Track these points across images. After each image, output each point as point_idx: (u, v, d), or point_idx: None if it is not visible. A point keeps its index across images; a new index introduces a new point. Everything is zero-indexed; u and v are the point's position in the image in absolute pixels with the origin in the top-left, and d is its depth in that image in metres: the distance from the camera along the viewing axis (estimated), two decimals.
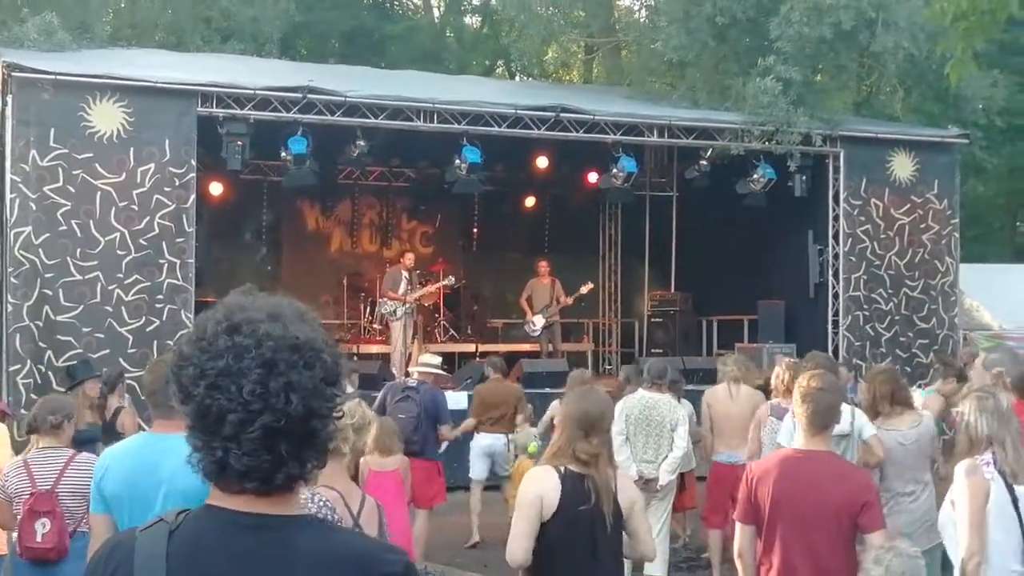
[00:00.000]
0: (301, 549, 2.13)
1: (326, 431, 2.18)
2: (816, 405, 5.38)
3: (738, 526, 5.63)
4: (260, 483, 2.13)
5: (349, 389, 11.89)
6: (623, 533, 5.25)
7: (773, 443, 8.71)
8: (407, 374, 13.75)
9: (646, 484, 10.13)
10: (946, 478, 6.62)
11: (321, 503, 4.70)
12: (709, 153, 18.14)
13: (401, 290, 17.95)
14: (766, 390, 10.01)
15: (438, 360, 12.43)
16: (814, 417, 5.38)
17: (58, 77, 13.97)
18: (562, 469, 5.16)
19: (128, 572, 2.14)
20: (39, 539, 6.68)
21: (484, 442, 12.38)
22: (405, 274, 18.17)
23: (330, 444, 2.21)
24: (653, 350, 21.52)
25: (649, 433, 10.10)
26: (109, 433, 10.46)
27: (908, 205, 18.15)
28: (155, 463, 4.38)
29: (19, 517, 6.79)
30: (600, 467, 5.14)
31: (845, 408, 7.66)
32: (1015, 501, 5.10)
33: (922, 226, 18.23)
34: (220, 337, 2.14)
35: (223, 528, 2.15)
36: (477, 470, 12.47)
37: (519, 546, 5.10)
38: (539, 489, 5.14)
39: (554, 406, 11.96)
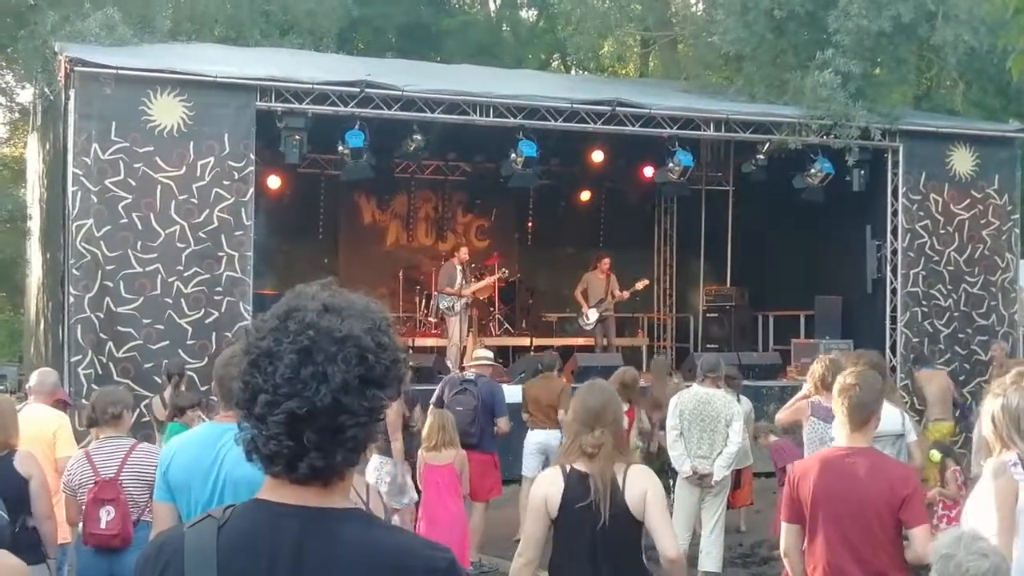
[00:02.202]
0: (346, 542, 2.16)
1: (358, 429, 2.17)
2: (851, 401, 5.38)
3: (783, 525, 5.64)
4: (285, 469, 2.15)
5: None
6: (636, 531, 5.22)
7: (814, 443, 8.66)
8: (462, 368, 13.80)
9: (701, 479, 10.15)
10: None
11: None
12: (766, 147, 18.01)
13: (456, 284, 18.04)
14: None
15: (490, 353, 12.49)
16: (851, 413, 5.39)
17: (119, 71, 14.12)
18: (567, 468, 5.26)
19: (179, 569, 2.17)
20: (103, 526, 6.76)
21: (538, 438, 12.34)
22: (460, 268, 18.28)
23: (364, 443, 2.21)
24: (708, 345, 21.41)
25: (704, 428, 10.08)
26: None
27: (968, 200, 17.96)
28: (217, 453, 4.44)
29: (84, 506, 6.89)
30: (601, 460, 5.18)
31: (896, 409, 7.61)
32: None
33: (982, 221, 18.03)
34: (272, 319, 2.20)
35: (269, 521, 2.18)
36: (530, 467, 12.47)
37: (525, 546, 5.30)
38: (543, 490, 5.28)
39: None
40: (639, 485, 5.20)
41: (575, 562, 5.23)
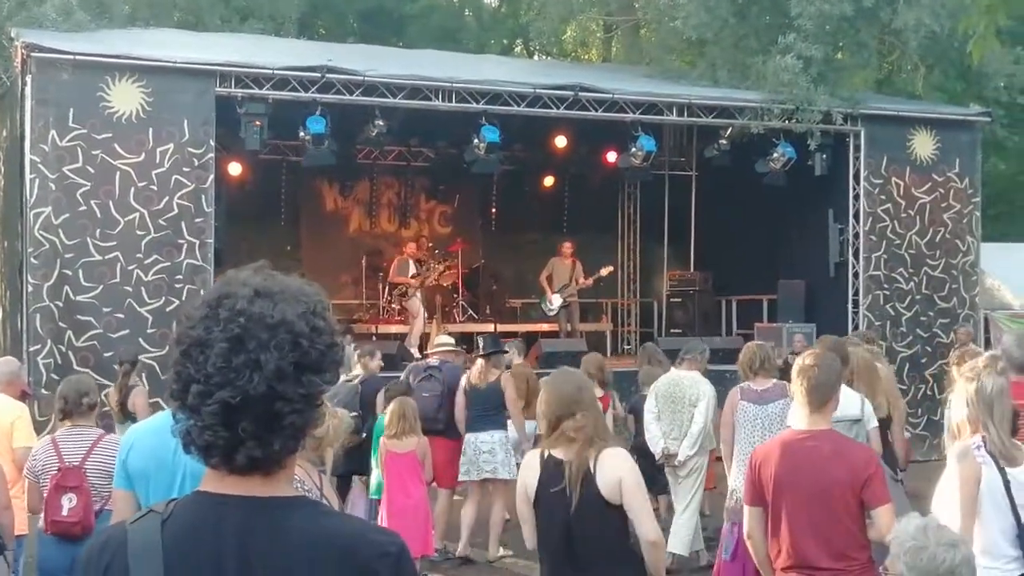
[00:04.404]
0: (293, 530, 2.12)
1: (295, 416, 2.12)
2: (810, 382, 5.36)
3: (745, 509, 5.64)
4: (222, 460, 2.12)
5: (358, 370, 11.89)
6: (612, 516, 5.22)
7: (745, 425, 8.74)
8: (423, 355, 13.77)
9: (668, 459, 10.43)
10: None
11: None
12: (729, 132, 18.03)
13: (410, 275, 18.38)
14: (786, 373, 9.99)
15: (451, 339, 12.50)
16: (809, 394, 5.37)
17: (77, 57, 13.96)
18: (545, 454, 5.32)
19: (123, 565, 2.13)
20: (65, 513, 6.73)
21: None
22: (412, 263, 18.56)
23: (302, 431, 2.16)
24: (672, 330, 21.50)
25: (674, 410, 10.45)
26: (123, 412, 10.56)
27: (929, 184, 18.04)
28: (178, 442, 4.37)
29: (45, 493, 6.83)
30: (580, 444, 5.21)
31: (855, 395, 7.62)
32: (1007, 484, 5.04)
33: (943, 205, 18.13)
34: (203, 307, 2.15)
35: (213, 513, 2.14)
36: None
37: (524, 530, 5.46)
38: (524, 476, 5.42)
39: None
40: (612, 470, 5.20)
41: (553, 543, 5.31)
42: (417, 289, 18.43)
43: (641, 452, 10.27)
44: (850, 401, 7.45)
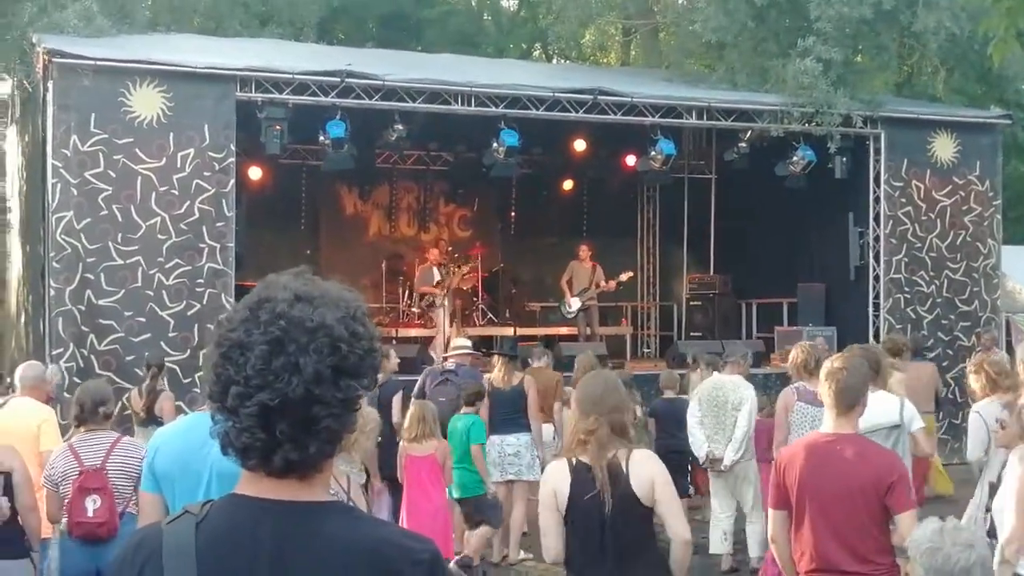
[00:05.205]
0: (327, 535, 2.13)
1: (332, 420, 2.13)
2: (838, 385, 5.35)
3: (770, 512, 5.63)
4: (260, 463, 2.13)
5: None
6: (645, 516, 5.21)
7: (804, 427, 8.71)
8: (444, 359, 13.78)
9: (712, 464, 10.61)
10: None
11: None
12: (748, 135, 17.99)
13: (435, 282, 18.41)
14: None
15: (468, 342, 12.50)
16: (837, 397, 5.36)
17: (98, 63, 14.01)
18: (573, 460, 5.24)
19: (157, 566, 2.13)
20: (90, 515, 6.71)
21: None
22: (436, 269, 18.57)
23: (338, 435, 2.18)
24: (692, 333, 21.46)
25: (717, 415, 10.58)
26: (149, 416, 10.59)
27: (950, 187, 17.99)
28: (205, 443, 4.40)
29: (67, 499, 6.82)
30: (594, 447, 5.16)
31: (894, 399, 7.58)
32: None
33: (964, 208, 18.07)
34: (243, 310, 2.17)
35: (248, 516, 2.15)
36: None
37: (547, 541, 5.28)
38: (552, 483, 5.28)
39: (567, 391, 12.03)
40: (645, 470, 5.19)
41: (586, 554, 5.21)
42: (444, 297, 18.40)
43: (663, 456, 10.24)
44: (889, 407, 7.42)
